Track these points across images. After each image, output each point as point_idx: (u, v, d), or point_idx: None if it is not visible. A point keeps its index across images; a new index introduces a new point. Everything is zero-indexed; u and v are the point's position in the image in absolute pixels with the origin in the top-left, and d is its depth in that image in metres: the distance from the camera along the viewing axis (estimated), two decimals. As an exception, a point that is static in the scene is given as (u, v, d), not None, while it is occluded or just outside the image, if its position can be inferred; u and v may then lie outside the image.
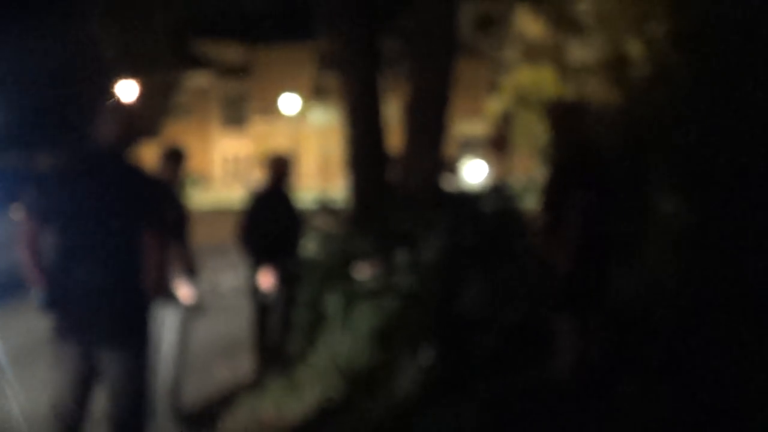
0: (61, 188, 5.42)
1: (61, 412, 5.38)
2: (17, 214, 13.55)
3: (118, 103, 5.80)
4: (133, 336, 5.39)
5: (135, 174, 5.49)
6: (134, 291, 5.29)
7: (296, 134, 56.34)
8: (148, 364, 5.53)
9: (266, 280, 8.73)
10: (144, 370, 5.46)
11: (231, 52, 62.16)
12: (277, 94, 57.87)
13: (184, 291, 7.39)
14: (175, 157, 7.86)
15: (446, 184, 10.28)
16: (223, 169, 62.64)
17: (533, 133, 37.17)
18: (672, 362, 6.86)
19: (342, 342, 8.12)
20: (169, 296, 5.49)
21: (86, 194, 5.30)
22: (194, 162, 8.56)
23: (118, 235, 5.27)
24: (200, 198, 42.00)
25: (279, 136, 57.31)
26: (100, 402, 5.47)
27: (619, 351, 7.60)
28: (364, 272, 7.54)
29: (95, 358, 5.32)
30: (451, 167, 11.22)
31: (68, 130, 23.77)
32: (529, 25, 43.28)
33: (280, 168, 9.08)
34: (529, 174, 28.93)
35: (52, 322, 5.39)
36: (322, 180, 51.11)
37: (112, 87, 40.50)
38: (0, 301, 12.46)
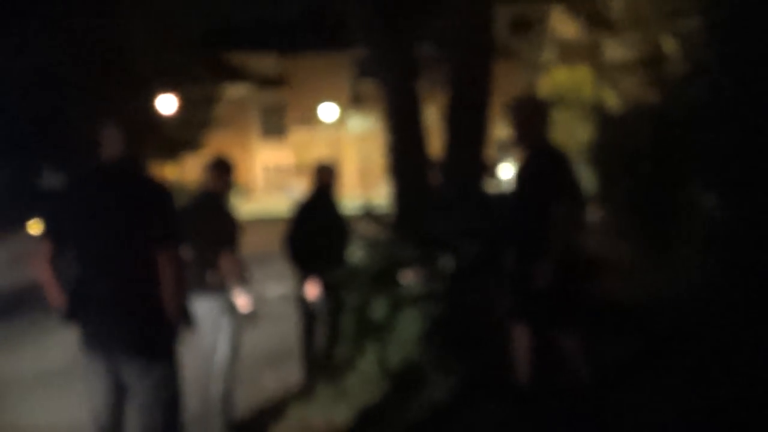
0: (76, 203, 5.47)
1: (98, 424, 5.46)
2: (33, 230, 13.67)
3: (130, 116, 5.77)
4: (153, 351, 5.37)
5: (147, 187, 5.49)
6: (151, 305, 5.28)
7: (335, 142, 56.42)
8: (174, 382, 5.51)
9: (312, 288, 8.81)
10: (169, 387, 5.44)
11: (268, 63, 62.32)
12: (315, 103, 58.08)
13: (241, 300, 7.45)
14: (222, 168, 7.84)
15: (487, 188, 10.28)
16: (264, 178, 62.81)
17: (572, 134, 37.15)
18: (709, 359, 6.87)
19: (389, 347, 8.14)
20: (184, 315, 5.45)
21: (100, 208, 5.34)
22: (237, 173, 8.53)
23: (132, 249, 5.27)
24: (243, 208, 42.13)
25: (318, 145, 57.45)
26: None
27: (655, 348, 7.63)
28: (409, 278, 7.57)
29: (120, 371, 5.37)
30: (492, 170, 11.22)
31: (87, 144, 23.80)
32: (565, 25, 43.16)
33: (325, 177, 9.15)
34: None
35: (78, 336, 5.47)
36: (362, 187, 51.11)
37: (148, 100, 40.73)
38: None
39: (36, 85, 36.92)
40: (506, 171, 47.53)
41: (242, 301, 7.43)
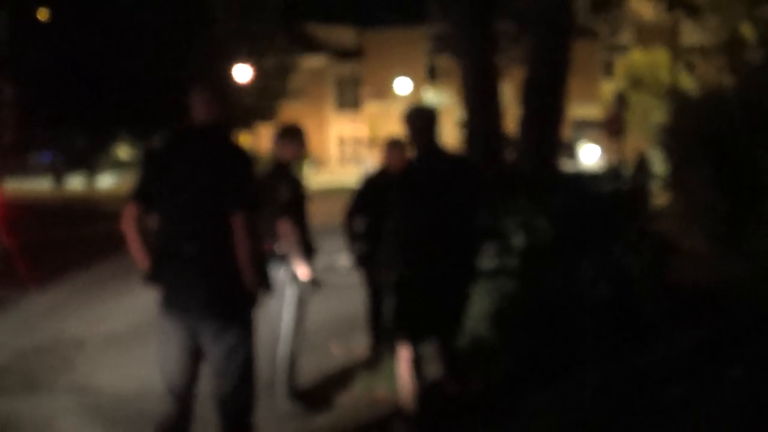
0: (161, 166, 5.54)
1: (171, 385, 5.53)
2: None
3: (216, 82, 5.83)
4: (229, 314, 5.41)
5: (229, 152, 5.52)
6: (231, 269, 5.31)
7: (409, 116, 56.46)
8: (250, 345, 5.53)
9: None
10: (243, 351, 5.47)
11: (346, 36, 62.52)
12: (391, 77, 58.10)
13: (300, 269, 7.52)
14: (293, 135, 7.78)
15: (563, 166, 10.23)
16: (338, 150, 63.15)
17: (647, 116, 36.86)
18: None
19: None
20: (262, 280, 5.47)
21: (185, 171, 5.39)
22: (310, 143, 8.39)
23: (214, 213, 5.31)
24: (316, 179, 42.29)
25: (392, 118, 57.48)
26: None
27: (733, 334, 7.56)
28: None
29: (196, 334, 5.43)
30: (568, 149, 11.16)
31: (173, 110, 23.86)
32: (643, 7, 42.80)
33: (395, 152, 9.06)
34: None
35: (158, 297, 5.54)
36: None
37: (226, 68, 40.96)
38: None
39: (116, 52, 37.27)
40: (587, 152, 47.33)
41: (301, 269, 7.48)
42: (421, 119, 7.04)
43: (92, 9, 37.74)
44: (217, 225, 5.31)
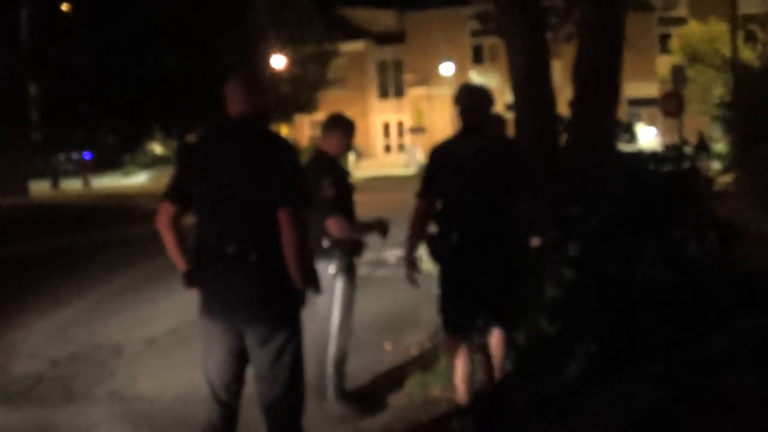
0: (197, 163, 5.35)
1: (215, 390, 5.37)
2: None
3: (252, 72, 5.63)
4: (277, 317, 5.24)
5: (272, 144, 5.30)
6: (277, 269, 5.11)
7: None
8: (298, 347, 5.35)
9: None
10: (293, 353, 5.30)
11: (385, 19, 62.58)
12: (434, 61, 58.15)
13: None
14: (339, 125, 7.53)
15: (621, 145, 9.90)
16: (382, 138, 63.35)
17: (707, 91, 36.36)
18: None
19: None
20: (310, 279, 5.20)
21: (225, 166, 5.17)
22: (354, 131, 8.26)
23: (258, 210, 5.12)
24: (361, 169, 42.38)
25: (437, 104, 57.52)
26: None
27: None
28: (537, 242, 7.25)
29: (242, 337, 5.27)
30: (627, 130, 10.82)
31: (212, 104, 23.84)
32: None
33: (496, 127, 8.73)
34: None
35: (199, 300, 5.37)
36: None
37: (264, 56, 40.93)
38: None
39: (147, 45, 37.30)
40: (645, 132, 46.99)
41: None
42: (468, 97, 6.87)
43: (122, 1, 37.60)
44: (261, 223, 5.12)
